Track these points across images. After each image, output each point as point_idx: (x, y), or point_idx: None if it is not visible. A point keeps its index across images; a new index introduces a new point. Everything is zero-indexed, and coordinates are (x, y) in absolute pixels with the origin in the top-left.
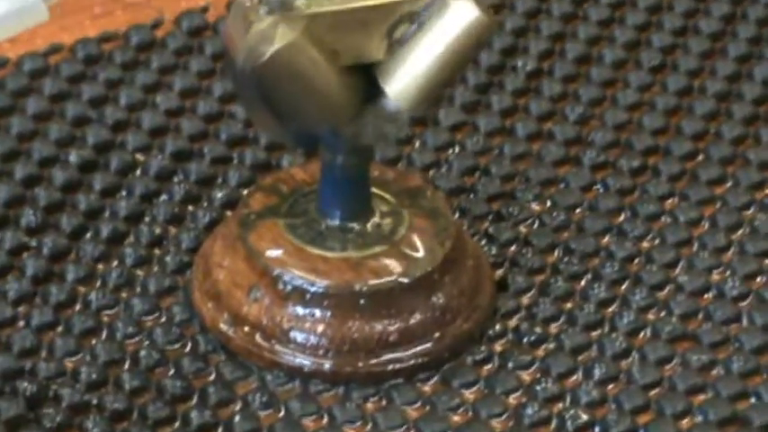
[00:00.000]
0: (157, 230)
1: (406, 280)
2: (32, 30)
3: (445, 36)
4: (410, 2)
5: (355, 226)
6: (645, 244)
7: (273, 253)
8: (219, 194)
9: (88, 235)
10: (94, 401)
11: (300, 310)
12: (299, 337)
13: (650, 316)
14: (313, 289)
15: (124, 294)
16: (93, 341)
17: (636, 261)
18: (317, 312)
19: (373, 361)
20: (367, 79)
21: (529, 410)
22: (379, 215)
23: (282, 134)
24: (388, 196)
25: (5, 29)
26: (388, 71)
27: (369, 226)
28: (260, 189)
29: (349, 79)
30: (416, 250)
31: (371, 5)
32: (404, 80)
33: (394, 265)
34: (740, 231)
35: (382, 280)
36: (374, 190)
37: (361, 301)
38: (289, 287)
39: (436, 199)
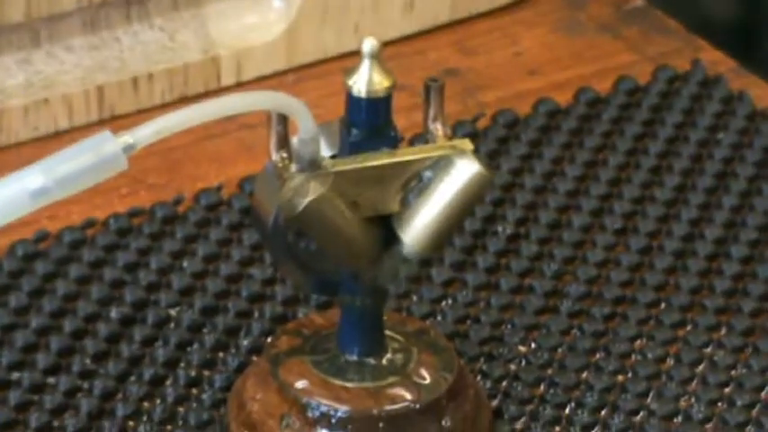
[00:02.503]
0: (193, 373)
1: (417, 406)
2: (68, 207)
3: (451, 188)
4: (421, 161)
5: (371, 360)
6: (619, 377)
7: (302, 385)
8: (245, 342)
9: (132, 378)
10: None
11: None
12: None
13: None
14: (338, 415)
15: (168, 427)
16: None
17: (612, 391)
18: None
19: None
20: (384, 228)
21: None
22: (391, 351)
23: (305, 282)
24: (398, 336)
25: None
26: (404, 221)
27: (383, 360)
28: (285, 333)
29: (369, 228)
30: (425, 380)
31: (387, 164)
32: (417, 228)
33: (406, 393)
34: (701, 366)
35: (397, 406)
36: (386, 331)
37: (380, 425)
38: (317, 414)
39: (439, 338)
